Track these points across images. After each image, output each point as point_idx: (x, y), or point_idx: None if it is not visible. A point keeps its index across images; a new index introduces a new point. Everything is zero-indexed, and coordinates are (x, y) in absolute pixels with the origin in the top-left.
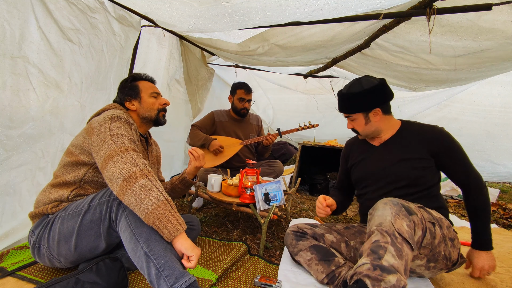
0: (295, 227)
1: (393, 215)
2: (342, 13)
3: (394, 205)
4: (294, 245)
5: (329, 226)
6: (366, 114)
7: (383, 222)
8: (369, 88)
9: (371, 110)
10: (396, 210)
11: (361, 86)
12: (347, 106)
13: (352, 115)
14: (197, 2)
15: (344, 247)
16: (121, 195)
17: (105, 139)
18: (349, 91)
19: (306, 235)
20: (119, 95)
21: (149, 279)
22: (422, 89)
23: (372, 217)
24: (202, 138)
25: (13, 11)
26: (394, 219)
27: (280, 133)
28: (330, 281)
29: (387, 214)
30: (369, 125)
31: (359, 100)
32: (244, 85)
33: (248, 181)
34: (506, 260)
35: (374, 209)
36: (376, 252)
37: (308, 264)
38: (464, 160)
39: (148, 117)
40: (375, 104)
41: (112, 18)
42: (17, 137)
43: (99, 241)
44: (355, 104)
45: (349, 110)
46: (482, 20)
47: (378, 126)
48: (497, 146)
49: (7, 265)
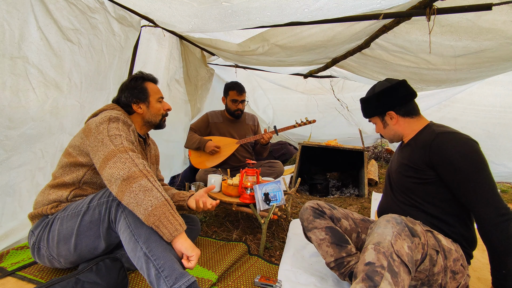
0: (315, 204)
1: (394, 234)
2: (342, 13)
3: (397, 224)
4: (310, 221)
5: (346, 213)
6: (382, 118)
7: (382, 241)
8: (379, 92)
9: (385, 113)
10: (398, 230)
11: (373, 90)
12: (364, 111)
13: (371, 119)
14: (197, 2)
15: (355, 237)
16: (121, 196)
17: (103, 140)
18: (365, 96)
19: (325, 215)
20: (125, 95)
21: (149, 280)
22: (422, 89)
23: (371, 232)
24: (197, 141)
25: (13, 11)
26: (395, 239)
27: (276, 130)
28: (336, 266)
29: (387, 233)
30: (388, 128)
31: (372, 104)
32: (236, 86)
33: (248, 181)
34: None
35: (376, 225)
36: (372, 279)
37: (318, 244)
38: (473, 184)
39: (153, 122)
40: (388, 107)
41: (112, 18)
42: (17, 137)
43: (98, 241)
44: (369, 108)
45: (366, 114)
46: (482, 20)
47: (397, 130)
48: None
49: (7, 265)
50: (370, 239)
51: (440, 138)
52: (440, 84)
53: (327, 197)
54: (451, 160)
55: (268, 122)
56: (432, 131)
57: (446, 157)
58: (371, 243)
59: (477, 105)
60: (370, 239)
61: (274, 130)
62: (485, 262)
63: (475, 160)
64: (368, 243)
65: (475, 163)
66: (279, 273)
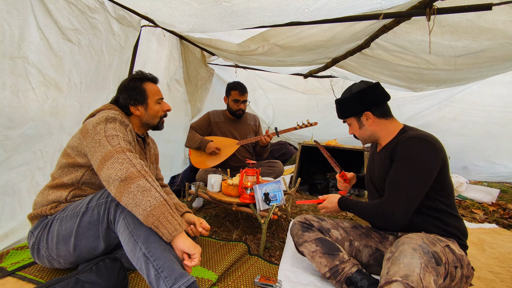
0: (303, 218)
1: (422, 267)
2: (342, 13)
3: (424, 254)
4: (299, 236)
5: (336, 222)
6: (358, 118)
7: (410, 274)
8: (356, 92)
9: (362, 114)
10: (425, 261)
11: (350, 91)
12: (340, 111)
13: (346, 120)
14: (197, 2)
15: (348, 246)
16: (119, 197)
17: (100, 141)
18: (341, 97)
19: (313, 228)
20: (123, 96)
21: (149, 280)
22: (422, 89)
23: (394, 259)
24: (198, 141)
25: (13, 11)
26: (423, 272)
27: (277, 132)
28: (332, 275)
29: (415, 265)
30: (363, 129)
31: (349, 105)
32: (238, 86)
33: (248, 181)
34: (506, 260)
35: (400, 252)
36: None
37: (311, 256)
38: (401, 176)
39: (150, 123)
40: (365, 107)
41: (112, 18)
42: (17, 137)
43: (98, 242)
44: (346, 108)
45: (342, 115)
46: (482, 20)
47: (373, 131)
48: (497, 146)
49: (7, 265)
50: (395, 269)
51: (407, 141)
52: (440, 84)
53: None
54: (400, 155)
55: (268, 122)
56: (405, 135)
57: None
58: (398, 275)
59: (477, 105)
60: (396, 269)
61: (275, 132)
62: (485, 262)
63: (415, 158)
64: (394, 273)
65: (413, 160)
66: (279, 273)
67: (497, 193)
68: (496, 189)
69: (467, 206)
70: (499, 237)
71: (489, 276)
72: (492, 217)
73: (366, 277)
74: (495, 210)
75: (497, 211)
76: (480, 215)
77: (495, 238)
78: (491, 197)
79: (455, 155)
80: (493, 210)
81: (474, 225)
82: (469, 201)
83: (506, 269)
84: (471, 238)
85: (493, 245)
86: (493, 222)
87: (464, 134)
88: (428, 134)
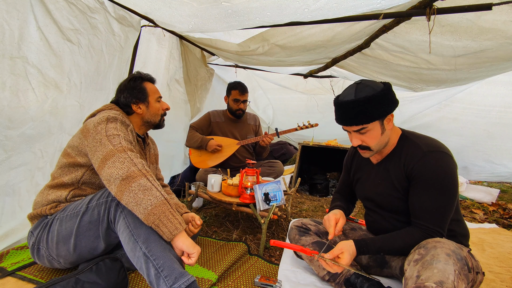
0: (299, 222)
1: (456, 274)
2: (342, 13)
3: (458, 261)
4: (296, 240)
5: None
6: (382, 122)
7: (445, 281)
8: (381, 90)
9: (386, 116)
10: (459, 268)
11: (372, 89)
12: (365, 114)
13: (368, 125)
14: (197, 2)
15: None
16: (120, 196)
17: (102, 140)
18: (359, 96)
19: (310, 231)
20: (124, 95)
21: (149, 280)
22: (422, 89)
23: (428, 265)
24: (199, 140)
25: (13, 11)
26: (457, 280)
27: (278, 133)
28: (331, 278)
29: (450, 272)
30: (385, 134)
31: (376, 105)
32: (239, 86)
33: (248, 181)
34: (506, 260)
35: (433, 256)
36: None
37: (310, 260)
38: (438, 200)
39: (152, 122)
40: (391, 108)
41: (112, 18)
42: (16, 137)
43: (98, 242)
44: (371, 110)
45: (364, 119)
46: (482, 20)
47: (390, 136)
48: (497, 146)
49: (7, 265)
50: (428, 274)
51: (428, 159)
52: (440, 84)
53: (327, 197)
54: (422, 173)
55: (268, 122)
56: (417, 148)
57: (420, 169)
58: (432, 280)
59: (477, 105)
60: (429, 274)
61: (276, 132)
62: (485, 262)
63: (442, 175)
64: (427, 278)
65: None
66: (279, 273)
67: (497, 193)
68: (496, 189)
69: (467, 206)
70: (499, 237)
71: (489, 276)
72: (492, 217)
73: (365, 278)
74: (495, 210)
75: (497, 211)
76: (480, 215)
77: (495, 238)
78: (491, 197)
79: (455, 155)
80: (493, 210)
81: (474, 225)
82: (469, 201)
83: (506, 269)
84: (471, 238)
85: (493, 245)
86: (493, 222)
87: (464, 134)
88: (440, 145)
